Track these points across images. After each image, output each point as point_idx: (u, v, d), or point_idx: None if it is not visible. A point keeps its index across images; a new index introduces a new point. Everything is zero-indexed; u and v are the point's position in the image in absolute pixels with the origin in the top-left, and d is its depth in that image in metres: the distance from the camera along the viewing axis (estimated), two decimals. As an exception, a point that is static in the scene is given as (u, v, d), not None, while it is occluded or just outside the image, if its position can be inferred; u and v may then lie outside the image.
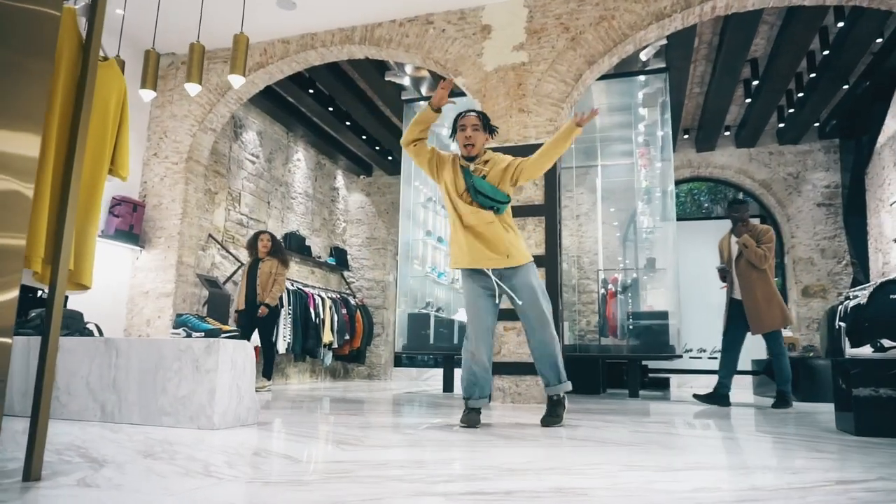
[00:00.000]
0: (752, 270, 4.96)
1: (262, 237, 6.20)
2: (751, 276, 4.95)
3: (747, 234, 5.01)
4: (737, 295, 5.13)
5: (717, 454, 2.30)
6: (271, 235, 6.25)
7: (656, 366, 8.52)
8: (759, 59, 7.03)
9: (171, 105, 6.50)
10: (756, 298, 4.89)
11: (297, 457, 2.03)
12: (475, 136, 3.05)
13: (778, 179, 9.02)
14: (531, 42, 5.40)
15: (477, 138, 3.05)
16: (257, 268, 6.11)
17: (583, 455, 2.18)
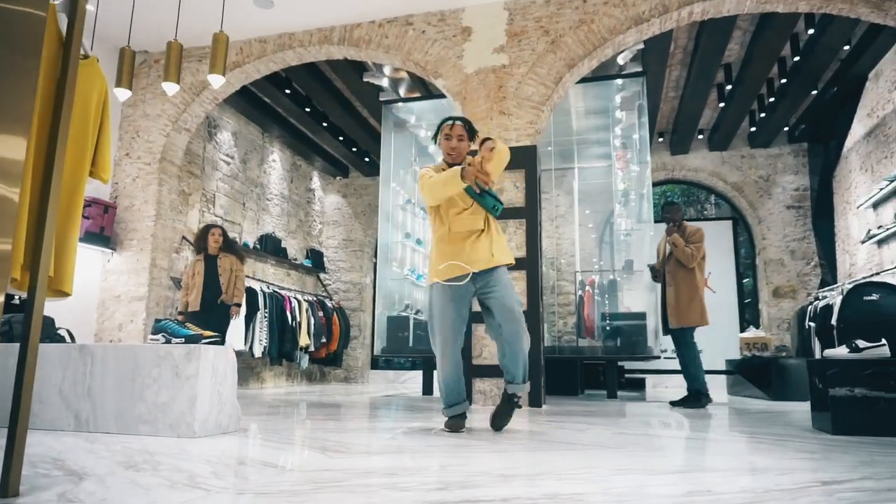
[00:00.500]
0: (679, 268, 5.20)
1: (214, 231, 5.69)
2: (678, 273, 5.20)
3: (677, 234, 5.21)
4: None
5: (703, 456, 2.32)
6: (223, 230, 5.79)
7: (632, 366, 8.63)
8: (733, 64, 7.16)
9: (144, 104, 6.36)
10: (679, 294, 5.15)
11: (283, 465, 1.99)
12: (460, 147, 3.14)
13: (749, 182, 9.20)
14: (511, 45, 5.42)
15: (462, 148, 3.14)
16: (215, 265, 5.66)
17: (571, 459, 2.18)
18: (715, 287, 9.53)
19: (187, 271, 5.72)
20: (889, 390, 2.94)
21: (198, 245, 5.74)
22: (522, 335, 3.04)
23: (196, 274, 5.60)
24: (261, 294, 7.70)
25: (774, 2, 4.96)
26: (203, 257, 5.66)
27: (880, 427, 2.90)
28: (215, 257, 5.68)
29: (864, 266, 7.15)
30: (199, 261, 5.65)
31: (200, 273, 5.58)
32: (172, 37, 5.91)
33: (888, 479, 1.82)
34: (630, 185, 7.32)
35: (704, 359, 9.05)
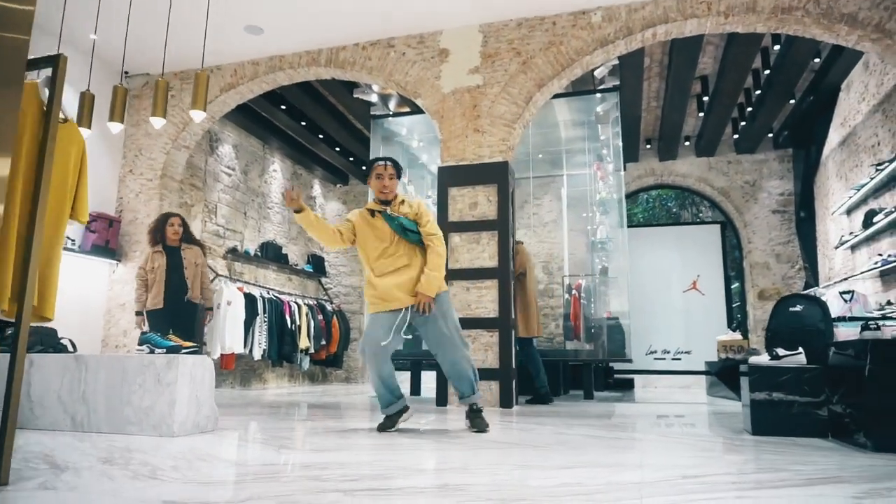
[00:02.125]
0: (516, 282, 5.64)
1: (173, 221, 5.19)
2: (517, 287, 5.67)
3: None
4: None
5: (607, 454, 2.63)
6: (182, 219, 5.29)
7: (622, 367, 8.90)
8: (709, 76, 7.41)
9: (146, 124, 6.77)
10: (517, 307, 5.60)
11: (234, 460, 2.34)
12: (391, 184, 3.45)
13: (736, 187, 9.42)
14: (486, 65, 5.73)
15: (392, 185, 3.46)
16: (179, 258, 5.15)
17: (488, 456, 2.50)
18: (704, 290, 9.80)
19: (144, 265, 5.15)
20: (803, 394, 3.22)
21: (154, 235, 5.20)
22: (459, 357, 3.37)
23: (157, 268, 5.07)
24: (260, 300, 8.09)
25: (733, 23, 5.22)
26: (162, 249, 5.15)
27: (794, 428, 3.19)
28: (177, 249, 5.19)
29: (841, 270, 7.37)
30: (157, 252, 5.13)
31: (162, 267, 5.07)
32: (171, 59, 6.32)
33: (745, 473, 2.13)
34: (609, 194, 7.60)
35: (693, 360, 9.34)
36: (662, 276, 9.86)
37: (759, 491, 1.85)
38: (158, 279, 5.04)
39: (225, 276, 8.12)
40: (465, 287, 5.38)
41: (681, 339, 9.70)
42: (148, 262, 5.15)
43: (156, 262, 5.10)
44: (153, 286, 5.03)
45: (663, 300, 9.76)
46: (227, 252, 8.47)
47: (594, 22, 5.47)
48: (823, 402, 3.18)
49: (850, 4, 4.87)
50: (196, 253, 5.26)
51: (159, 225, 5.25)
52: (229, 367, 7.83)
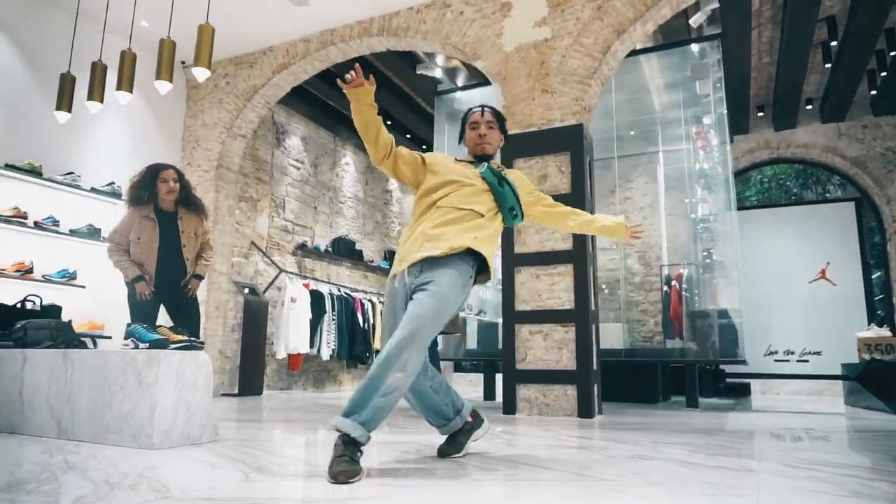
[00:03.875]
0: None
1: (167, 175, 3.91)
2: None
3: None
4: None
5: (700, 497, 1.77)
6: (178, 172, 4.01)
7: (734, 370, 7.68)
8: (837, 15, 6.09)
9: (203, 114, 6.52)
10: None
11: (172, 487, 1.73)
12: (491, 135, 2.56)
13: (874, 156, 7.88)
14: (554, 16, 4.91)
15: (492, 137, 2.56)
16: (174, 227, 3.97)
17: (497, 496, 1.73)
18: (836, 279, 8.31)
19: (122, 231, 3.86)
20: None
21: (139, 193, 3.87)
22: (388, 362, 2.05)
23: (144, 241, 3.84)
24: (328, 297, 7.68)
25: (871, -72, 4.07)
26: (153, 214, 3.90)
27: None
28: (172, 214, 3.98)
29: None
30: (146, 219, 3.86)
31: (153, 238, 3.87)
32: (224, 46, 5.99)
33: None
34: (710, 168, 6.46)
35: (823, 361, 7.91)
36: (783, 265, 8.48)
37: None
38: (146, 255, 3.84)
39: (293, 273, 7.78)
40: (534, 274, 4.58)
41: (807, 338, 8.28)
42: (130, 229, 3.84)
43: (143, 231, 3.85)
44: (142, 258, 3.85)
45: (784, 293, 8.39)
46: (297, 248, 8.14)
47: (685, -52, 4.49)
48: None
49: None
50: (196, 222, 4.05)
51: (147, 179, 3.89)
52: (296, 368, 7.46)
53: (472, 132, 2.58)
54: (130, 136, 6.11)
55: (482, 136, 2.55)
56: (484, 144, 2.55)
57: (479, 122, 2.57)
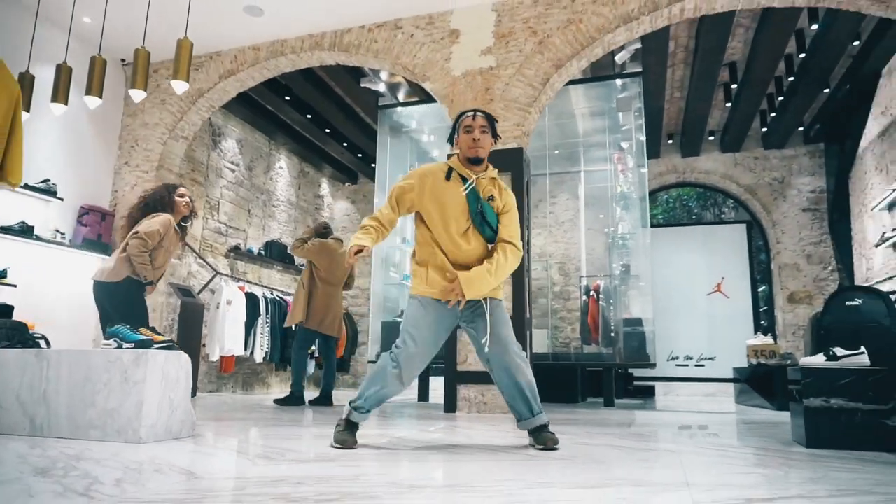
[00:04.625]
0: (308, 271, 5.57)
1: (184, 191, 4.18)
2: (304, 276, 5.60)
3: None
4: None
5: (642, 470, 2.21)
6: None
7: (642, 374, 8.43)
8: (738, 62, 6.96)
9: (143, 113, 6.46)
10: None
11: (196, 472, 1.95)
12: (484, 139, 2.71)
13: (763, 184, 8.93)
14: (499, 46, 5.35)
15: (485, 141, 2.72)
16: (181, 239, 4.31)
17: (494, 471, 2.09)
18: (729, 293, 9.30)
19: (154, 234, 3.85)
20: (867, 401, 2.78)
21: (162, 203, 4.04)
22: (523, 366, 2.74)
23: (168, 248, 4.00)
24: (262, 300, 7.75)
25: (769, -4, 4.79)
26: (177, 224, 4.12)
27: (857, 441, 2.74)
28: (184, 228, 4.25)
29: (881, 270, 6.86)
30: (174, 227, 4.04)
31: (174, 247, 4.10)
32: (166, 45, 6.00)
33: (821, 497, 1.69)
34: (630, 189, 7.15)
35: (717, 366, 8.83)
36: (685, 279, 9.38)
37: (853, 522, 1.42)
38: (165, 262, 4.02)
39: (226, 275, 7.78)
40: (476, 283, 4.97)
41: (704, 345, 9.20)
42: (165, 232, 3.93)
43: (171, 240, 4.01)
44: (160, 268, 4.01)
45: (686, 304, 9.28)
46: (230, 250, 8.14)
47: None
48: (892, 411, 2.73)
49: (902, -28, 4.42)
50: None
51: (168, 194, 4.06)
52: (229, 371, 7.48)
53: (467, 136, 2.70)
54: (64, 132, 5.97)
55: (476, 140, 2.68)
56: (477, 148, 2.69)
57: (473, 126, 2.69)
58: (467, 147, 2.71)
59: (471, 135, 2.70)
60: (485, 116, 2.76)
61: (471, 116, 2.74)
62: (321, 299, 5.46)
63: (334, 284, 5.57)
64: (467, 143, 2.71)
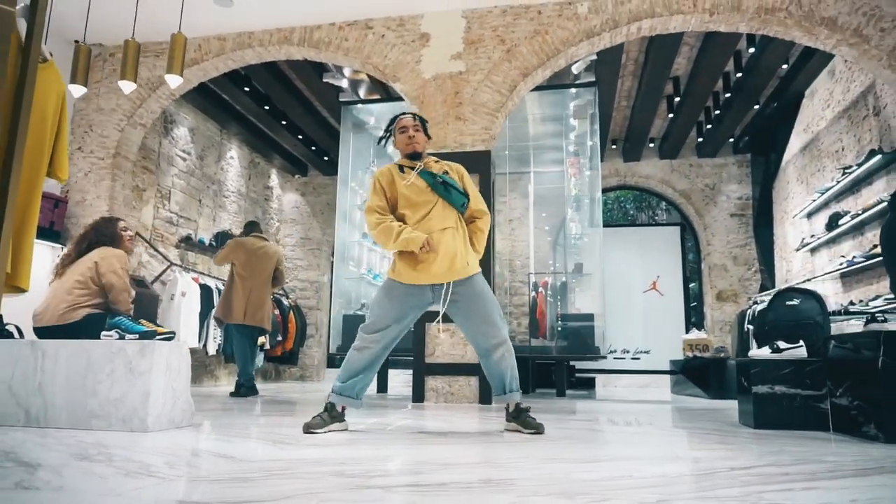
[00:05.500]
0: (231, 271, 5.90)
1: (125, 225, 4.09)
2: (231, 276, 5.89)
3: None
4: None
5: (629, 447, 2.51)
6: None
7: (583, 366, 8.90)
8: (681, 77, 7.49)
9: (98, 98, 6.27)
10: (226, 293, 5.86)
11: (234, 456, 2.08)
12: (418, 136, 3.05)
13: (696, 190, 9.60)
14: (469, 52, 5.57)
15: (419, 138, 3.05)
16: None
17: (507, 450, 2.33)
18: (663, 290, 9.94)
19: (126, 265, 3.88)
20: (805, 387, 3.20)
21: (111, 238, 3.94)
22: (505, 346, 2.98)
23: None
24: (216, 291, 7.66)
25: (717, 21, 5.25)
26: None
27: (797, 421, 3.16)
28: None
29: (799, 272, 7.58)
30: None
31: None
32: (128, 30, 5.86)
33: (788, 465, 2.03)
34: (582, 191, 7.57)
35: (651, 359, 9.44)
36: (623, 277, 9.95)
37: (822, 482, 1.75)
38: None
39: (179, 266, 7.64)
40: (444, 279, 5.19)
41: (640, 339, 9.81)
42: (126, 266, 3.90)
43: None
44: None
45: (624, 300, 9.85)
46: (181, 241, 7.99)
47: (580, 13, 5.39)
48: (825, 396, 3.16)
49: (831, 8, 4.97)
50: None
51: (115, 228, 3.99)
52: (181, 363, 7.35)
53: (402, 135, 3.05)
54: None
55: (411, 137, 3.03)
56: (414, 144, 3.03)
57: (407, 126, 3.05)
58: (405, 145, 3.06)
59: (406, 133, 3.04)
60: (415, 117, 3.11)
61: (406, 118, 3.08)
62: (239, 293, 5.68)
63: (253, 278, 5.73)
64: (404, 141, 3.05)
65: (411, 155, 3.06)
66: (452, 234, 2.90)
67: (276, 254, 6.01)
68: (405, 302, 2.93)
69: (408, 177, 2.99)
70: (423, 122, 3.11)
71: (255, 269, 5.75)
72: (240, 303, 5.66)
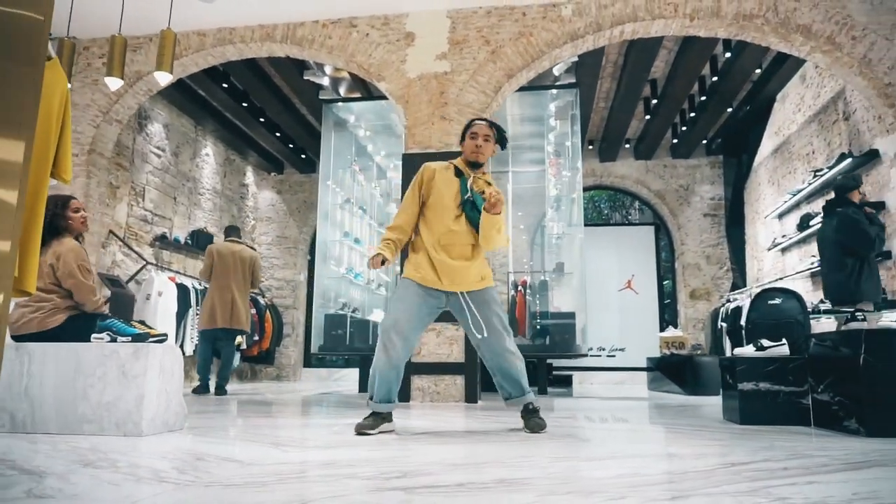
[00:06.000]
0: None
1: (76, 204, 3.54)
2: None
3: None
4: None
5: (627, 444, 2.56)
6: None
7: (560, 364, 9.00)
8: (659, 80, 7.63)
9: (73, 94, 6.10)
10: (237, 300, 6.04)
11: (242, 460, 2.07)
12: (486, 147, 3.01)
13: (671, 190, 9.79)
14: (454, 52, 5.59)
15: (486, 149, 3.02)
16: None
17: (511, 449, 2.36)
18: (638, 289, 10.12)
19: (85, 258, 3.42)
20: (788, 384, 3.31)
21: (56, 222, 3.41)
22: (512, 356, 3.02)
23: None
24: (193, 291, 7.54)
25: (697, 27, 5.37)
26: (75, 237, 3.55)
27: (781, 417, 3.26)
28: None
29: (770, 271, 7.80)
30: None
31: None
32: (104, 23, 5.76)
33: (783, 460, 2.11)
34: (562, 191, 7.66)
35: (627, 357, 9.59)
36: (598, 276, 10.09)
37: (820, 476, 1.82)
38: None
39: (154, 265, 7.50)
40: (430, 279, 5.21)
41: (615, 337, 9.96)
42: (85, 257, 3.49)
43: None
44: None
45: (600, 299, 9.99)
46: (156, 239, 7.84)
47: (564, 15, 5.46)
48: (806, 392, 3.27)
49: (806, 16, 5.12)
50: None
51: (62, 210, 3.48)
52: (157, 364, 7.22)
53: (471, 141, 3.01)
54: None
55: (478, 146, 2.98)
56: (478, 154, 3.00)
57: (478, 134, 3.01)
58: (470, 151, 3.02)
59: (475, 141, 3.01)
60: (490, 125, 3.06)
61: (479, 125, 3.05)
62: (212, 294, 5.89)
63: (227, 278, 5.90)
64: (471, 147, 3.01)
65: (473, 163, 3.02)
66: (473, 250, 2.94)
67: (251, 257, 6.17)
68: (424, 301, 2.92)
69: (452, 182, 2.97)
70: (499, 132, 3.07)
71: (227, 272, 5.92)
72: (208, 306, 5.89)
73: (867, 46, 5.04)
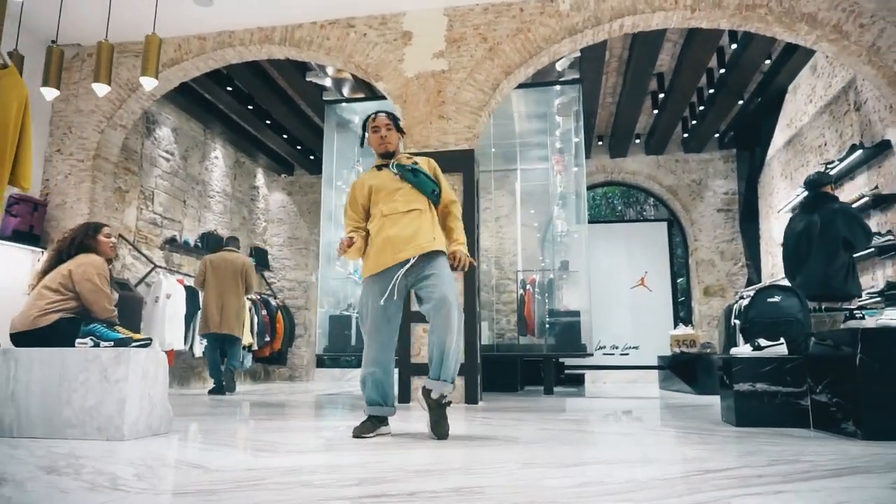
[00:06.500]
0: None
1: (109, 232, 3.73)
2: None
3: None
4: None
5: (607, 449, 2.50)
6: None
7: (572, 363, 8.91)
8: (665, 73, 7.50)
9: (77, 99, 6.19)
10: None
11: (208, 466, 2.05)
12: (390, 136, 3.05)
13: (683, 186, 9.62)
14: (451, 50, 5.54)
15: (391, 137, 3.06)
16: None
17: (486, 454, 2.32)
18: (651, 286, 9.96)
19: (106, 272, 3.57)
20: (786, 385, 3.21)
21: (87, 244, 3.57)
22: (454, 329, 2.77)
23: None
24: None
25: (698, 18, 5.25)
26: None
27: (778, 419, 3.17)
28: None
29: (784, 266, 7.60)
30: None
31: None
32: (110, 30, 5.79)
33: (763, 466, 2.03)
34: (567, 188, 7.56)
35: (641, 355, 9.46)
36: (611, 273, 9.96)
37: (794, 484, 1.74)
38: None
39: (163, 268, 7.58)
40: (429, 279, 5.18)
41: (629, 335, 9.83)
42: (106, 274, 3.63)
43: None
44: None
45: (612, 296, 9.86)
46: (165, 242, 7.92)
47: (562, 10, 5.37)
48: (805, 393, 3.17)
49: (811, 4, 4.98)
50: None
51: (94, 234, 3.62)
52: (170, 365, 7.30)
53: (375, 135, 3.06)
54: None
55: (383, 137, 3.03)
56: (385, 143, 3.04)
57: (379, 126, 3.05)
58: (377, 143, 3.07)
59: (378, 133, 3.05)
60: (387, 115, 3.10)
61: (373, 118, 3.09)
62: (206, 301, 6.32)
63: (219, 286, 6.29)
64: (377, 140, 3.07)
65: (384, 154, 3.08)
66: (418, 214, 2.90)
67: (242, 265, 6.48)
68: (383, 293, 2.86)
69: (380, 174, 3.03)
70: (395, 120, 3.12)
71: (222, 281, 6.30)
72: (212, 313, 6.27)
73: (876, 34, 4.88)
